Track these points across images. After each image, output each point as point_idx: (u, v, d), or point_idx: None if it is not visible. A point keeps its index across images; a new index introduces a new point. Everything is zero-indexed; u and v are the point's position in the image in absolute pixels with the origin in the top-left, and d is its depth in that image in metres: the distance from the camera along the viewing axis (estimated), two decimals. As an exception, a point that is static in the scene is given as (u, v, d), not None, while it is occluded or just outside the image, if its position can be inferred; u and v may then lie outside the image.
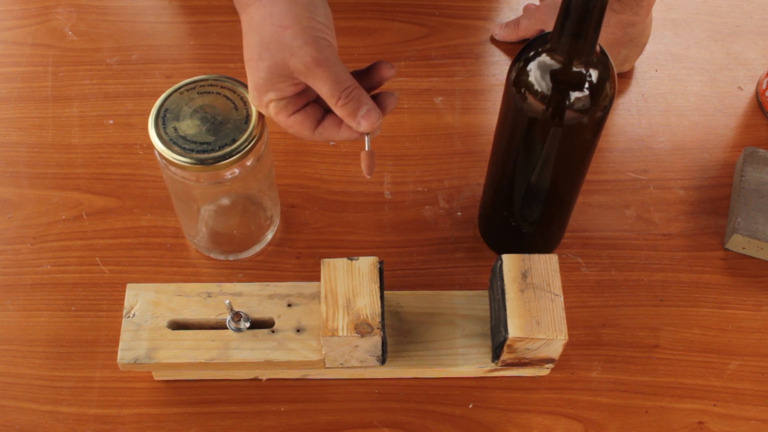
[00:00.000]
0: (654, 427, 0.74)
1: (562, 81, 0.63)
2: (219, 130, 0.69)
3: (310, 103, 0.67)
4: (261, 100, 0.66)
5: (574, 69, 0.63)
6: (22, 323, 0.78)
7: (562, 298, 0.69)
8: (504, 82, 0.68)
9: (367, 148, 0.65)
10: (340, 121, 0.66)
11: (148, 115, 0.70)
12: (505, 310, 0.69)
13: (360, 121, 0.64)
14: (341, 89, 0.63)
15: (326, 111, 0.67)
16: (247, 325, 0.71)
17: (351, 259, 0.70)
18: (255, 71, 0.64)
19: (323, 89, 0.63)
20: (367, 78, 0.67)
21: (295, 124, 0.66)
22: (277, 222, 0.83)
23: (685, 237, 0.84)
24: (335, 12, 0.66)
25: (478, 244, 0.83)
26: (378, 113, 0.64)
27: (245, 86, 0.71)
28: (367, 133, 0.65)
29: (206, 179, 0.71)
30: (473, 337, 0.74)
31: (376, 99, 0.66)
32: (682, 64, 0.97)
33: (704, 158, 0.90)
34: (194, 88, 0.71)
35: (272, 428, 0.73)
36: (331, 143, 0.89)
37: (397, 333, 0.74)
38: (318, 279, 0.73)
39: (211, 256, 0.81)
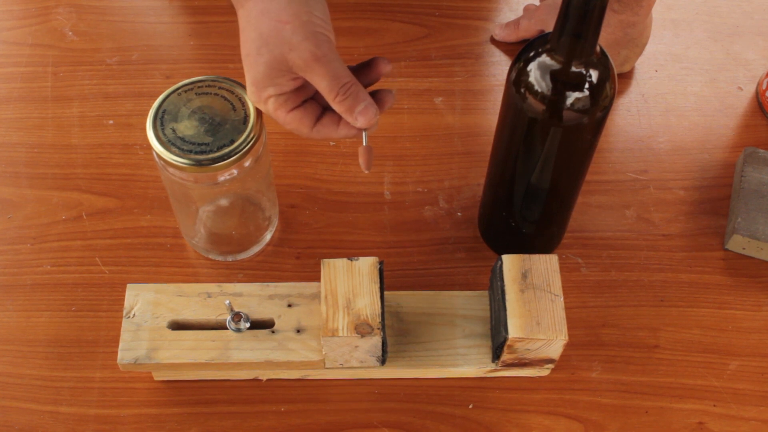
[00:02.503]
0: (654, 427, 0.74)
1: (562, 81, 0.63)
2: (217, 131, 0.69)
3: (309, 100, 0.67)
4: (260, 95, 0.66)
5: (574, 69, 0.63)
6: (22, 323, 0.78)
7: (562, 299, 0.69)
8: (504, 82, 0.68)
9: (364, 144, 0.66)
10: (339, 119, 0.66)
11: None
12: (505, 310, 0.69)
13: (357, 117, 0.64)
14: (339, 85, 0.63)
15: (324, 109, 0.67)
16: (247, 325, 0.71)
17: (351, 260, 0.70)
18: (253, 66, 0.64)
19: (321, 85, 0.63)
20: (364, 74, 0.67)
21: (294, 121, 0.66)
22: (275, 222, 0.83)
23: (685, 237, 0.84)
24: (335, 12, 0.66)
25: (478, 244, 0.83)
26: (375, 109, 0.64)
27: (243, 87, 0.71)
28: (365, 129, 0.65)
29: (204, 180, 0.71)
30: (473, 338, 0.74)
31: (374, 95, 0.67)
32: (682, 64, 0.97)
33: (704, 158, 0.90)
34: (192, 89, 0.71)
35: (272, 428, 0.73)
36: (331, 143, 0.89)
37: (397, 333, 0.74)
38: (318, 279, 0.73)
39: (210, 257, 0.81)
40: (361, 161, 0.66)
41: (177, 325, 0.72)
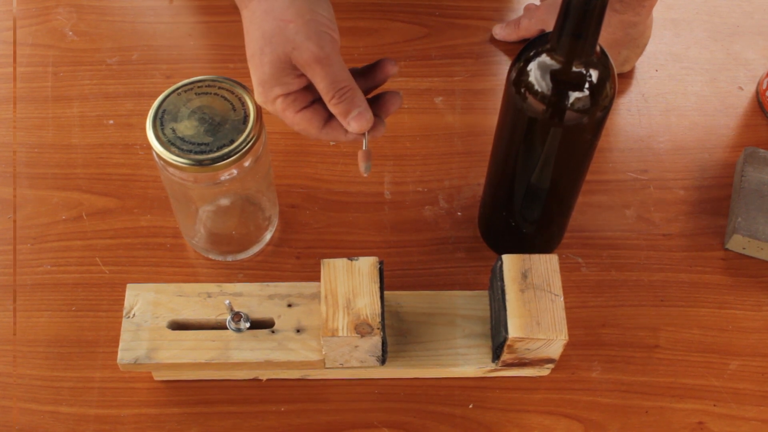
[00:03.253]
0: (654, 427, 0.74)
1: (562, 81, 0.63)
2: (217, 130, 0.69)
3: (317, 101, 0.66)
4: (267, 96, 0.65)
5: (575, 69, 0.63)
6: (22, 323, 0.78)
7: (562, 298, 0.69)
8: (504, 82, 0.68)
9: (364, 147, 0.65)
10: None
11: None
12: (505, 310, 0.69)
13: (350, 122, 0.64)
14: (336, 88, 0.62)
15: None
16: (247, 325, 0.71)
17: (351, 260, 0.70)
18: (259, 67, 0.64)
19: (320, 86, 0.63)
20: (371, 76, 0.67)
21: (303, 121, 0.66)
22: (275, 222, 0.83)
23: (685, 237, 0.84)
24: (335, 12, 0.66)
25: (478, 244, 0.83)
26: (369, 116, 0.64)
27: (243, 87, 0.71)
28: (361, 134, 0.65)
29: (204, 180, 0.71)
30: (473, 338, 0.74)
31: (381, 98, 0.66)
32: (683, 64, 0.97)
33: (704, 158, 0.90)
34: (192, 89, 0.71)
35: (272, 428, 0.73)
36: (331, 143, 0.89)
37: (397, 333, 0.74)
38: (318, 279, 0.73)
39: (210, 257, 0.81)
40: (360, 164, 0.66)
41: (177, 325, 0.72)
